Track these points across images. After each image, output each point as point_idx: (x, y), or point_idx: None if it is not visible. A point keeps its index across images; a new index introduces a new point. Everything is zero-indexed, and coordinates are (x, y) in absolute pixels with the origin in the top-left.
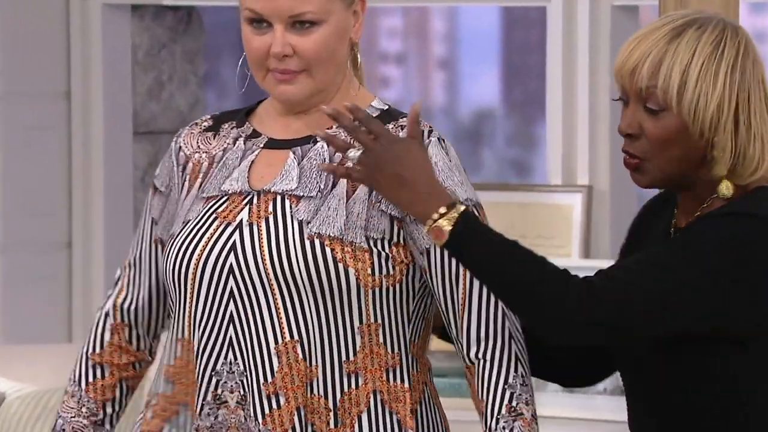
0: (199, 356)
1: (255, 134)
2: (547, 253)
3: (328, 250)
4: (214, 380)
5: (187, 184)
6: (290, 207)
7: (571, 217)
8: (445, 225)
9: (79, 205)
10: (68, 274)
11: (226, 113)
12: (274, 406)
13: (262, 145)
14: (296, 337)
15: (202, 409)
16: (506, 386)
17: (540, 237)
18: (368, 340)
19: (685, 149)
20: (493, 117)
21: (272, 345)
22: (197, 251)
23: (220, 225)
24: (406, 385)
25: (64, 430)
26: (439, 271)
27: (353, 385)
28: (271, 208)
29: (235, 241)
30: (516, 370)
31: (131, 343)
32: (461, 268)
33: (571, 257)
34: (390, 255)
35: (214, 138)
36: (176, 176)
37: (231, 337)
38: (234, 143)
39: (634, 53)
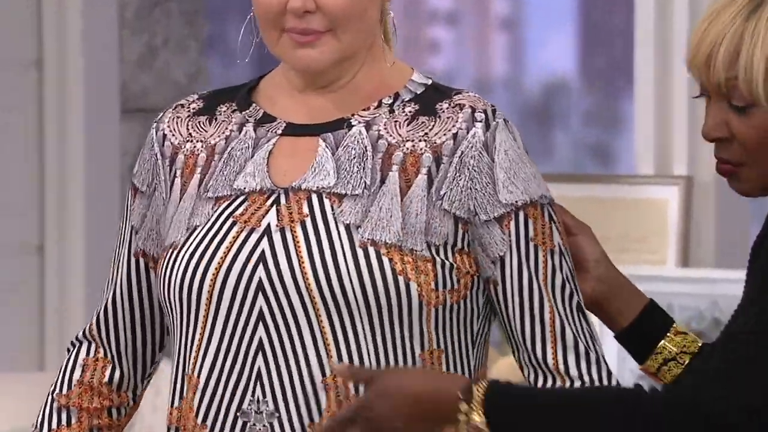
0: (216, 395)
1: (267, 118)
2: (636, 260)
3: (385, 260)
4: (240, 422)
5: (178, 181)
6: (331, 208)
7: (665, 216)
8: (477, 418)
9: (52, 199)
10: (40, 284)
11: (218, 92)
12: None
13: (280, 132)
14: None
15: None
16: None
17: (626, 240)
18: (432, 369)
19: None
20: (567, 91)
21: (317, 378)
22: (213, 264)
23: (241, 231)
24: None
25: None
26: (516, 284)
27: None
28: (306, 210)
29: (263, 250)
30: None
31: (111, 383)
32: (551, 281)
33: (666, 265)
34: (454, 265)
35: (209, 123)
36: (162, 171)
37: (260, 369)
38: (240, 130)
39: (706, 38)
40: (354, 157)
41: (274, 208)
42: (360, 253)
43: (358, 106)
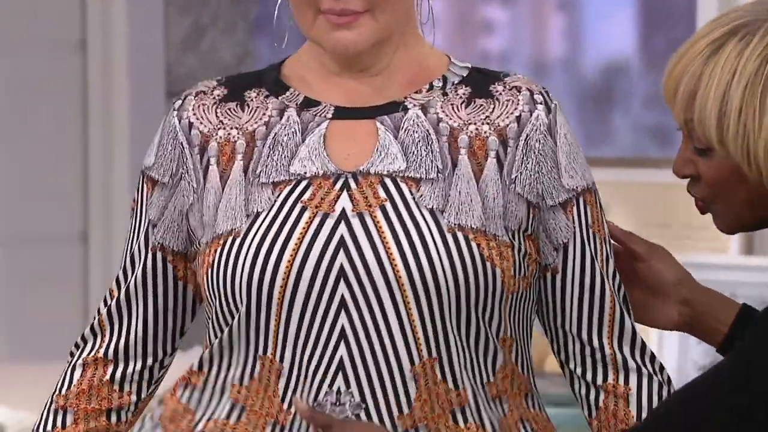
0: (299, 382)
1: (310, 102)
2: (698, 248)
3: (473, 245)
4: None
5: (214, 168)
6: (410, 192)
7: None
8: None
9: (97, 187)
10: (83, 273)
11: (239, 77)
12: None
13: (329, 116)
14: (434, 354)
15: None
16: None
17: (688, 227)
18: (509, 358)
19: (748, 192)
20: (626, 72)
21: (407, 367)
22: (288, 251)
23: (314, 216)
24: (544, 414)
25: None
26: (578, 272)
27: (501, 413)
28: (382, 194)
29: (342, 236)
30: (670, 390)
31: (113, 381)
32: (606, 269)
33: (729, 253)
34: (527, 251)
35: (241, 110)
36: (190, 160)
37: (342, 359)
38: (281, 115)
39: (672, 74)
40: (418, 141)
41: (345, 192)
42: (449, 238)
43: (400, 91)
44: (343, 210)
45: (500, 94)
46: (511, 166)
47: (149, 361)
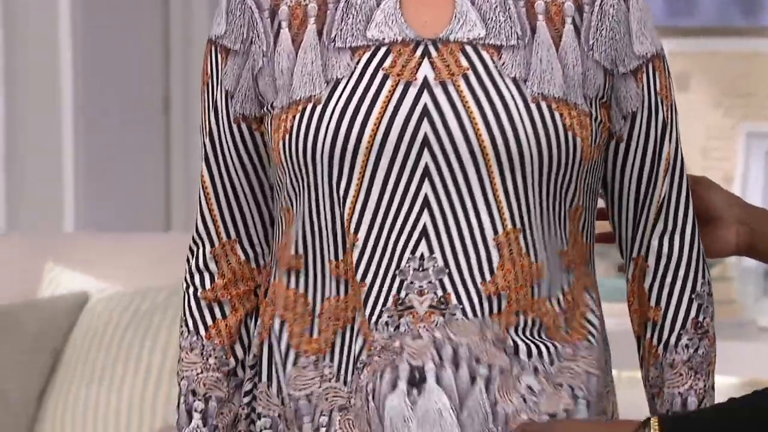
0: (376, 252)
1: None
2: None
3: (556, 114)
4: (397, 281)
5: (286, 32)
6: (492, 60)
7: None
8: None
9: (177, 52)
10: (165, 143)
11: None
12: (495, 309)
13: None
14: (518, 225)
15: (379, 317)
16: (694, 295)
17: None
18: (574, 228)
19: None
20: None
21: (489, 235)
22: (372, 119)
23: (396, 84)
24: (595, 285)
25: (194, 391)
26: (642, 143)
27: (571, 282)
28: (464, 62)
29: (426, 105)
30: (704, 276)
31: (248, 260)
32: (666, 144)
33: None
34: (602, 119)
35: None
36: (260, 24)
37: (425, 226)
38: None
39: None
40: (495, 6)
41: (426, 60)
42: (533, 107)
43: None
44: (425, 78)
45: None
46: (587, 32)
47: (267, 230)
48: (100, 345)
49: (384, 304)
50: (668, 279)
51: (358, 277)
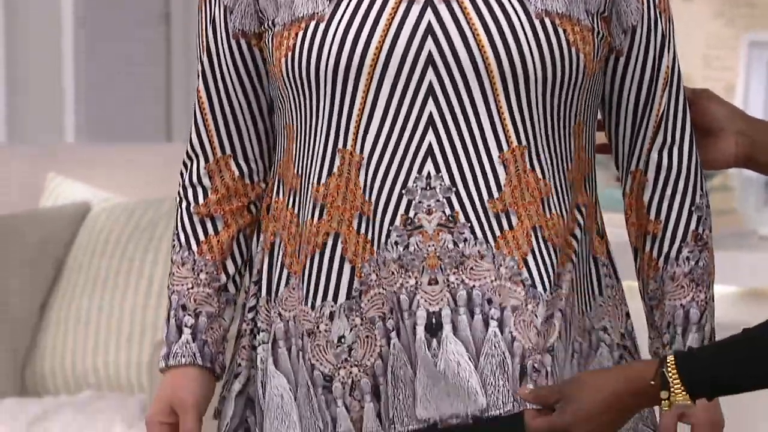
0: (379, 171)
1: None
2: None
3: (560, 30)
4: (404, 200)
5: None
6: None
7: None
8: (680, 398)
9: None
10: (166, 54)
11: None
12: (506, 227)
13: None
14: (524, 142)
15: (388, 236)
16: (693, 208)
17: None
18: (577, 145)
19: None
20: None
21: (495, 153)
22: (376, 37)
23: (399, 2)
24: (593, 199)
25: (184, 306)
26: (641, 57)
27: (572, 199)
28: None
29: (430, 22)
30: (702, 188)
31: (242, 176)
32: (665, 57)
33: None
34: (603, 33)
35: None
36: None
37: (431, 144)
38: None
39: None
40: None
41: None
42: (537, 24)
43: None
44: None
45: None
46: None
47: (265, 149)
48: (102, 256)
49: (392, 223)
50: (668, 192)
51: (366, 196)
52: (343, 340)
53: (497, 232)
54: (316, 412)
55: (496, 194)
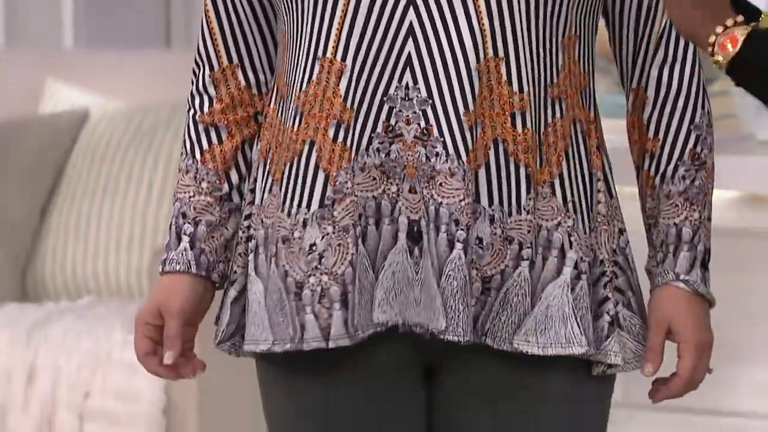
0: (361, 79)
1: None
2: None
3: None
4: (386, 107)
5: None
6: None
7: None
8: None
9: None
10: None
11: None
12: (469, 139)
13: None
14: (501, 53)
15: (370, 143)
16: (692, 126)
17: None
18: (568, 57)
19: None
20: None
21: (473, 63)
22: None
23: None
24: (592, 113)
25: (184, 214)
26: None
27: (558, 114)
28: None
29: None
30: (704, 106)
31: (249, 85)
32: None
33: None
34: None
35: None
36: None
37: (410, 54)
38: None
39: None
40: None
41: None
42: None
43: None
44: None
45: None
46: None
47: (270, 53)
48: (102, 161)
49: (374, 130)
50: (667, 110)
51: (347, 103)
52: (314, 248)
53: (470, 146)
54: (287, 318)
55: (471, 106)
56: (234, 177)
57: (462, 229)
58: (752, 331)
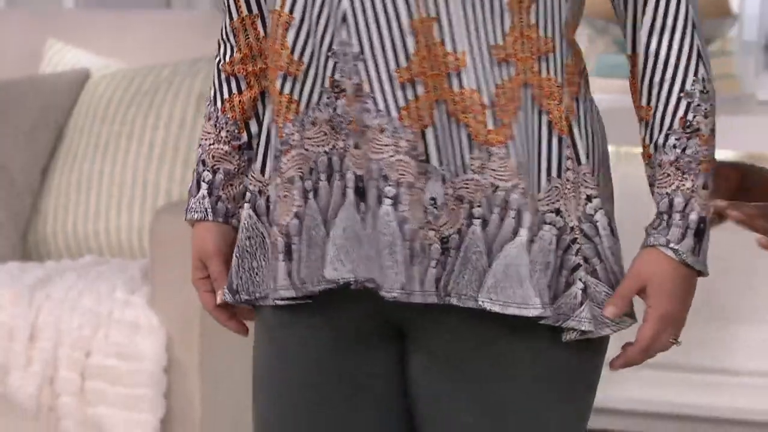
0: (307, 33)
1: None
2: None
3: None
4: (331, 63)
5: None
6: None
7: None
8: None
9: None
10: None
11: None
12: (410, 97)
13: None
14: (433, 14)
15: (320, 98)
16: (682, 94)
17: None
18: (518, 20)
19: None
20: None
21: (405, 21)
22: None
23: None
24: (559, 78)
25: (204, 161)
26: None
27: (505, 76)
28: None
29: None
30: (696, 73)
31: (267, 36)
32: None
33: None
34: None
35: None
36: None
37: (345, 12)
38: None
39: None
40: None
41: None
42: None
43: None
44: None
45: None
46: None
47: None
48: (103, 121)
49: (322, 84)
50: (656, 78)
51: (295, 56)
52: (269, 200)
53: (401, 103)
54: (245, 267)
55: (404, 63)
56: (254, 127)
57: (390, 185)
58: (752, 291)
